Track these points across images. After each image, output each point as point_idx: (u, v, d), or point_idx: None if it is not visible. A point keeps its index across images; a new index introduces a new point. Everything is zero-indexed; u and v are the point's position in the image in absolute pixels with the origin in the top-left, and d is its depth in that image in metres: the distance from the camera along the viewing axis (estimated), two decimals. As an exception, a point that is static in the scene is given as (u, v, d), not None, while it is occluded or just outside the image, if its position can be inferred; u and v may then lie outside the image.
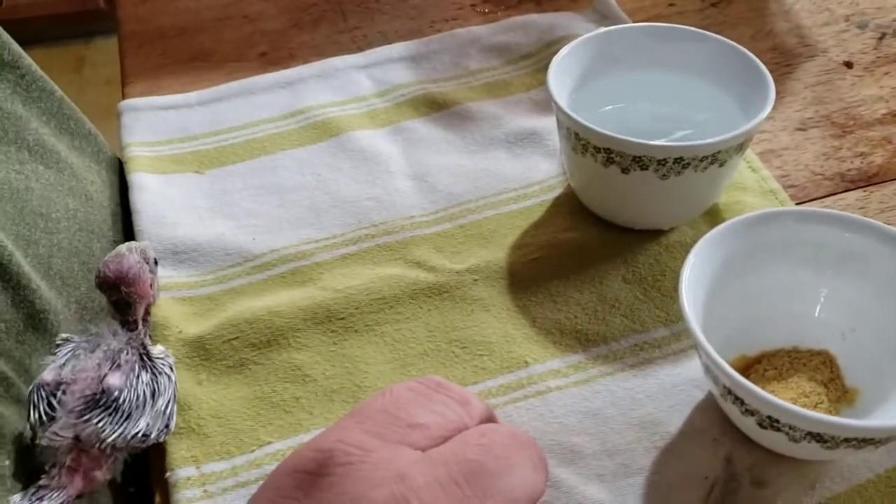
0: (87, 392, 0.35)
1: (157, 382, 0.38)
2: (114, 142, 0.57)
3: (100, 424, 0.35)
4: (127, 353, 0.38)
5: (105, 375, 0.36)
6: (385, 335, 0.43)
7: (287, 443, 0.38)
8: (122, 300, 0.39)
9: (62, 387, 0.36)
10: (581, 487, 0.36)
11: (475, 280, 0.45)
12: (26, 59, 0.49)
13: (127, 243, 0.41)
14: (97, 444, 0.35)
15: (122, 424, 0.35)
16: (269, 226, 0.49)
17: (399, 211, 0.50)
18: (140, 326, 0.39)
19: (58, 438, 0.35)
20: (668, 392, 0.40)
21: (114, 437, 0.35)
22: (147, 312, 0.41)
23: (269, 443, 0.38)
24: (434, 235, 0.48)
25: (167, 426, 0.38)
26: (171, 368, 0.39)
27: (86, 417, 0.35)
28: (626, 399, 0.40)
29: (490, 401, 0.40)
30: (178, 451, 0.38)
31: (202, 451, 0.38)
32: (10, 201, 0.42)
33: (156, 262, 0.41)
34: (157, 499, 0.38)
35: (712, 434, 0.38)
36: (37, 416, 0.35)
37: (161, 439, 0.37)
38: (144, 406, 0.37)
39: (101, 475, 0.36)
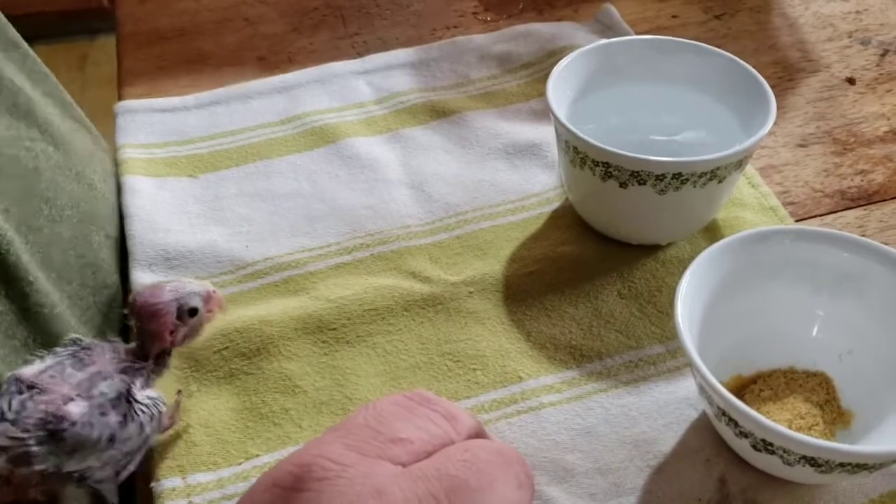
0: (49, 408, 0.33)
1: (122, 428, 0.34)
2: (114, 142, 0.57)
3: (34, 449, 0.32)
4: (108, 384, 0.35)
5: (70, 399, 0.34)
6: (377, 347, 0.42)
7: (274, 456, 0.38)
8: (140, 330, 0.37)
9: (32, 392, 0.33)
10: (572, 507, 0.36)
11: (470, 292, 0.45)
12: (24, 43, 0.48)
13: (178, 281, 0.38)
14: (24, 467, 0.32)
15: (59, 457, 0.33)
16: (263, 233, 0.48)
17: (395, 220, 0.49)
18: (150, 363, 0.37)
19: None
20: (662, 410, 0.39)
21: (44, 466, 0.32)
22: (164, 355, 0.38)
23: (257, 455, 0.38)
24: (430, 246, 0.48)
25: (117, 475, 0.35)
26: (153, 418, 0.36)
27: (26, 436, 0.32)
28: (620, 416, 0.39)
29: (482, 416, 0.39)
30: (164, 460, 0.38)
31: (189, 460, 0.38)
32: (19, 180, 0.41)
33: (191, 313, 0.38)
34: (142, 509, 0.38)
35: (706, 454, 0.38)
36: None
37: (102, 486, 0.35)
38: (94, 448, 0.33)
39: (35, 493, 0.34)
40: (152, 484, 0.37)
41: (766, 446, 0.33)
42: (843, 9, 0.66)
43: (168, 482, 0.37)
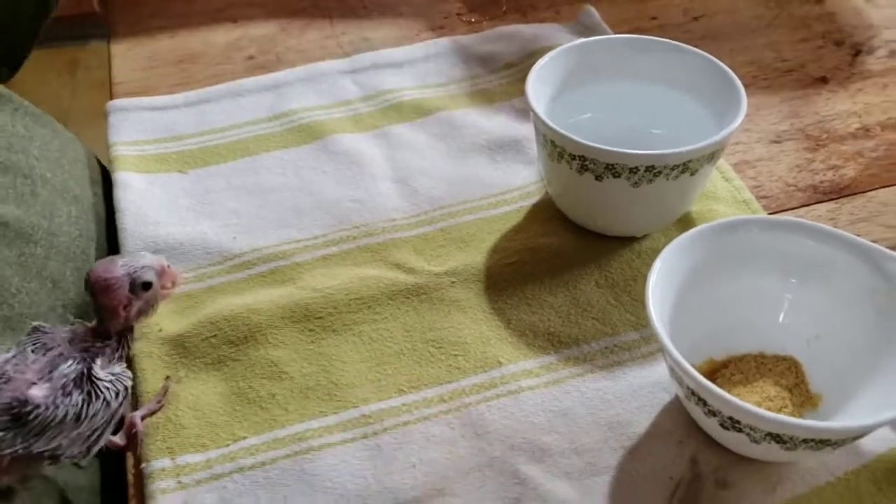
0: (14, 394, 0.34)
1: (88, 405, 0.35)
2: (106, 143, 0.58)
3: (1, 433, 0.33)
4: (69, 366, 0.35)
5: (32, 384, 0.34)
6: (362, 334, 0.44)
7: (261, 438, 0.39)
8: (96, 307, 0.37)
9: None
10: (549, 485, 0.37)
11: (453, 282, 0.46)
12: (15, 95, 0.51)
13: (131, 255, 0.38)
14: None
15: (28, 439, 0.34)
16: (251, 225, 0.50)
17: (380, 213, 0.51)
18: (112, 341, 0.37)
19: None
20: (637, 394, 0.41)
21: (13, 450, 0.33)
22: (126, 332, 0.38)
23: (244, 437, 0.39)
24: (414, 238, 0.49)
25: (88, 450, 0.36)
26: (118, 395, 0.36)
27: None
28: (596, 400, 0.40)
29: (464, 399, 0.41)
30: (153, 443, 0.39)
31: (178, 442, 0.39)
32: (16, 203, 0.44)
33: (144, 287, 0.38)
34: (131, 490, 0.39)
35: (678, 436, 0.39)
36: None
37: (75, 461, 0.36)
38: (61, 427, 0.34)
39: (8, 479, 0.35)
40: (142, 465, 0.38)
41: (733, 424, 0.35)
42: (818, 11, 0.68)
43: (158, 463, 0.38)
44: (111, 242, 0.51)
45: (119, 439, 0.39)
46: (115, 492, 0.40)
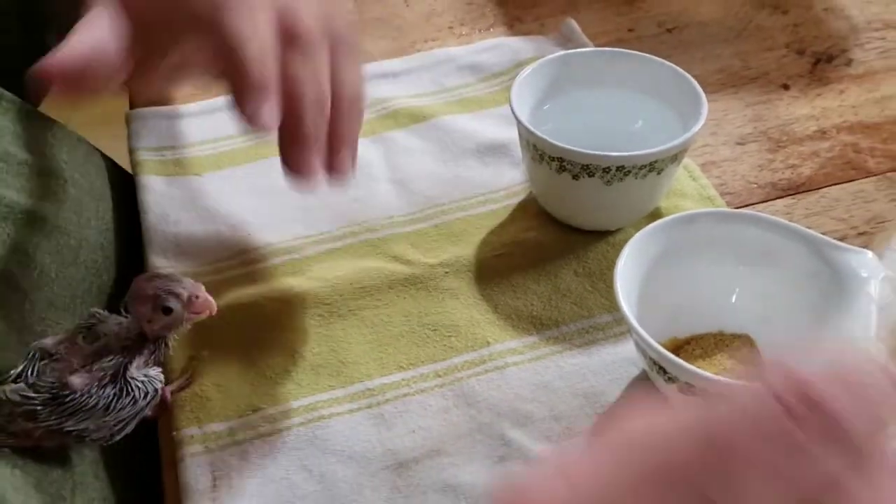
0: (58, 376, 0.38)
1: (117, 400, 0.39)
2: (112, 147, 0.63)
3: (39, 408, 0.38)
4: (109, 360, 0.39)
5: (75, 370, 0.39)
6: (366, 319, 0.49)
7: (278, 408, 0.44)
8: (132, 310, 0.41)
9: (50, 360, 0.39)
10: (531, 446, 0.42)
11: (446, 272, 0.51)
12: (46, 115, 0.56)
13: (172, 279, 0.41)
14: (31, 422, 0.38)
15: (61, 417, 0.38)
16: (263, 223, 0.55)
17: (380, 212, 0.56)
18: (150, 345, 0.41)
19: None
20: (609, 368, 0.46)
21: (47, 424, 0.38)
22: (161, 338, 0.41)
23: (263, 408, 0.44)
24: (411, 233, 0.54)
25: (111, 436, 0.40)
26: (147, 396, 0.40)
27: (36, 396, 0.38)
28: (573, 374, 0.46)
29: (456, 374, 0.46)
30: (183, 413, 0.44)
31: (204, 413, 0.44)
32: (52, 201, 0.50)
33: (164, 311, 0.40)
34: (164, 454, 0.44)
35: (645, 404, 0.45)
36: (20, 370, 0.39)
37: (99, 444, 0.40)
38: (91, 414, 0.38)
39: (47, 443, 0.39)
40: (174, 433, 0.43)
41: (689, 388, 0.40)
42: (783, 22, 0.73)
43: (187, 431, 0.43)
44: (134, 238, 0.56)
45: (152, 412, 0.44)
46: (149, 456, 0.45)
